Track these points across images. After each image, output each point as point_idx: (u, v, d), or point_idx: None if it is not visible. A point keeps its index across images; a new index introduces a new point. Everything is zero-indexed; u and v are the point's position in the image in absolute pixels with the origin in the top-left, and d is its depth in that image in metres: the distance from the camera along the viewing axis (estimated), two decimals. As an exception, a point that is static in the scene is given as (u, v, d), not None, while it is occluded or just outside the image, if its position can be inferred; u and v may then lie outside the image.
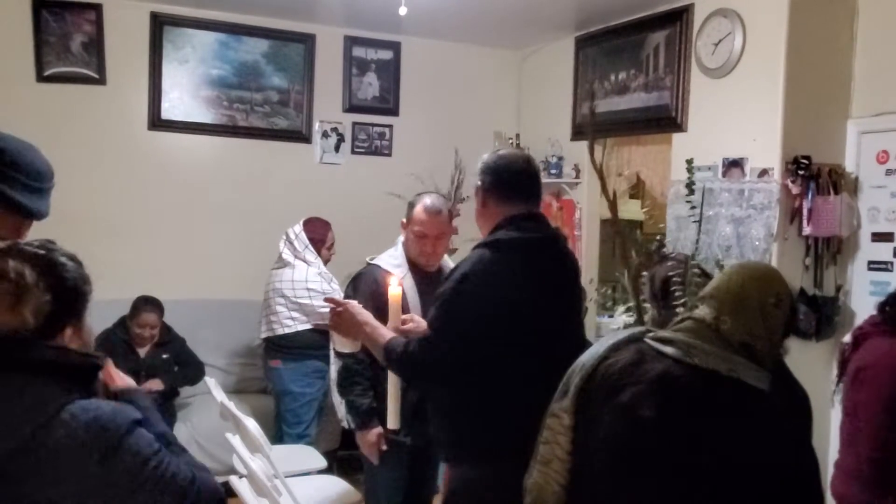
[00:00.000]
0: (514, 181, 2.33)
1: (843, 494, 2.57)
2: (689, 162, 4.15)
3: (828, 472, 3.26)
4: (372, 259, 3.26)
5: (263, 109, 5.45)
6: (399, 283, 2.58)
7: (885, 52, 3.95)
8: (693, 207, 4.16)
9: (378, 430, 3.02)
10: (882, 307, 2.61)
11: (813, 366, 3.89)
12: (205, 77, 5.28)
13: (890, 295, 2.61)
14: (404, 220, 3.16)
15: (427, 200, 3.09)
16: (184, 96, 5.23)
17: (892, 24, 3.92)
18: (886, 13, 3.95)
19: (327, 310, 4.13)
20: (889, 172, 3.93)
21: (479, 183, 2.36)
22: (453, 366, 2.20)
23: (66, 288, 1.52)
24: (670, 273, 2.70)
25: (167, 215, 5.17)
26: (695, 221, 3.23)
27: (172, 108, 5.21)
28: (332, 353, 4.26)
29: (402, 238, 3.23)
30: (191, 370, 4.53)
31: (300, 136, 5.55)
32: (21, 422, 1.39)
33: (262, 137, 5.44)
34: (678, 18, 4.61)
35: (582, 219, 5.43)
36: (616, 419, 1.74)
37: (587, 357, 1.89)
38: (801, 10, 3.95)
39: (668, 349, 1.75)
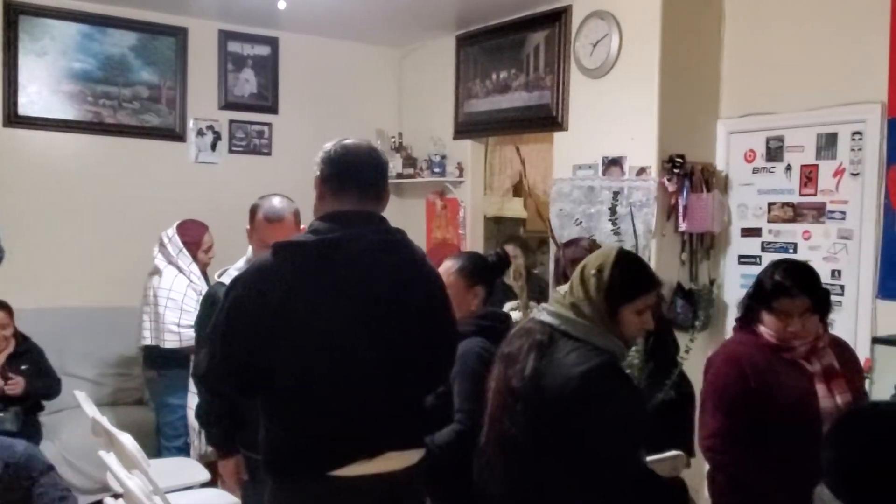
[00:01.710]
0: (350, 174, 2.09)
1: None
2: (616, 195, 4.21)
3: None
4: (221, 275, 3.03)
5: (133, 106, 5.17)
6: None
7: (750, 55, 4.16)
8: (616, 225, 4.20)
9: (234, 459, 2.82)
10: (739, 304, 2.70)
11: (690, 356, 4.04)
12: (66, 70, 4.95)
13: (745, 293, 2.66)
14: (248, 228, 2.90)
15: (267, 206, 2.83)
16: (43, 91, 4.89)
17: (756, 28, 4.13)
18: (750, 18, 4.16)
19: (179, 328, 4.01)
20: (756, 171, 4.15)
21: (318, 173, 2.12)
22: (224, 374, 2.07)
23: None
24: (576, 257, 2.75)
25: (26, 218, 4.81)
26: (615, 234, 3.31)
27: (30, 103, 4.86)
28: (191, 382, 4.08)
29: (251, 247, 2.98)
30: (46, 383, 4.21)
31: (173, 134, 5.30)
32: None
33: (133, 135, 5.16)
34: (557, 19, 4.69)
35: (466, 217, 5.45)
36: (497, 365, 2.13)
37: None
38: (672, 13, 4.10)
39: (536, 313, 2.16)
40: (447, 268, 2.75)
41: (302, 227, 2.83)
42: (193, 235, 4.26)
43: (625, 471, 1.93)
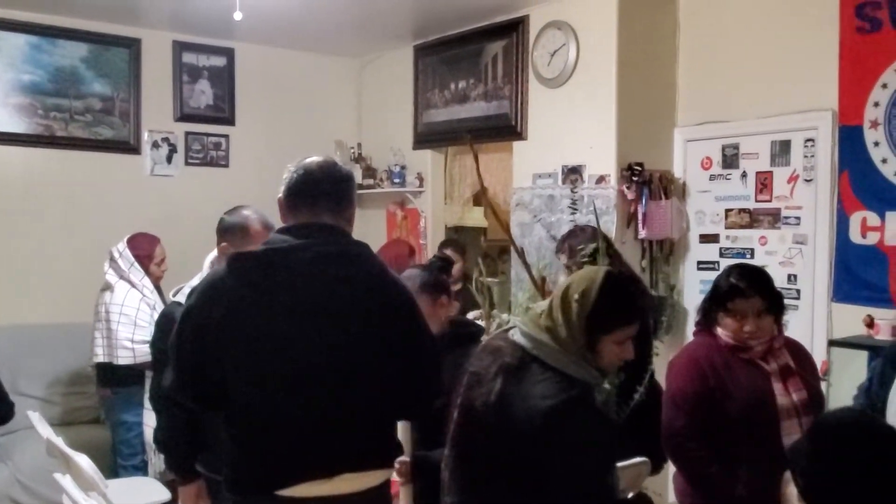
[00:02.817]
0: (302, 189, 2.07)
1: (676, 488, 2.70)
2: (574, 189, 4.21)
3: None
4: (176, 294, 2.96)
5: (85, 118, 5.06)
6: None
7: (705, 64, 4.23)
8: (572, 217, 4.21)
9: (196, 484, 2.72)
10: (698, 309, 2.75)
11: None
12: (15, 83, 4.83)
13: (704, 298, 2.72)
14: (224, 244, 2.76)
15: (256, 215, 2.77)
16: (-9, 104, 4.78)
17: (711, 37, 4.20)
18: (705, 28, 4.23)
19: (133, 344, 3.93)
20: (713, 178, 4.21)
21: (282, 192, 2.11)
22: (180, 386, 2.03)
23: None
24: (578, 245, 2.78)
25: (-25, 235, 4.70)
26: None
27: (-22, 116, 4.74)
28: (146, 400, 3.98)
29: (210, 259, 2.92)
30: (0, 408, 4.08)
31: (128, 146, 5.21)
32: None
33: (85, 148, 5.06)
34: (514, 29, 4.72)
35: (427, 227, 5.44)
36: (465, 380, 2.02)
37: None
38: (628, 23, 4.15)
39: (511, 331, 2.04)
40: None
41: None
42: (145, 249, 4.17)
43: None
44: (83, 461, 2.83)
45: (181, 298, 2.80)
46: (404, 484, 2.41)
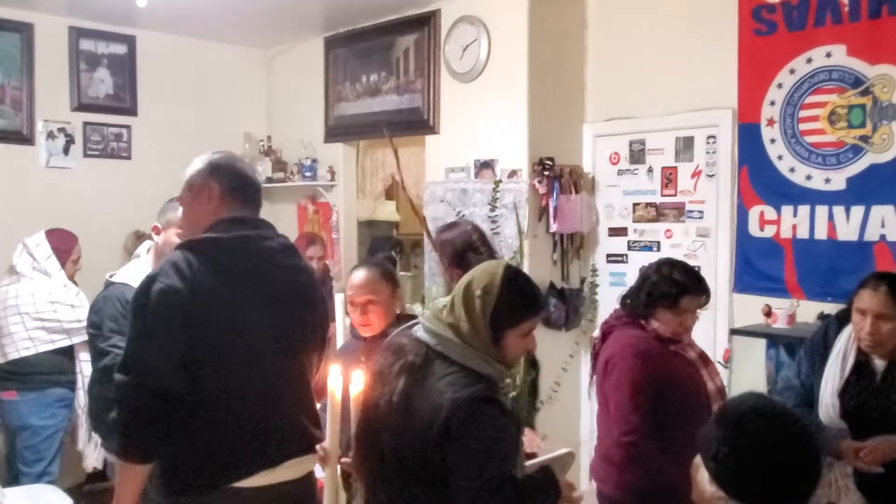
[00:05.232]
0: (245, 185, 2.20)
1: (601, 478, 2.75)
2: (496, 188, 4.21)
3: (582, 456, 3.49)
4: (112, 276, 2.98)
5: (-28, 107, 4.78)
6: None
7: (612, 61, 4.32)
8: (496, 223, 4.22)
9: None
10: (623, 300, 2.81)
11: (563, 353, 4.17)
12: None
13: (630, 288, 2.81)
14: (158, 225, 2.91)
15: None
16: None
17: (617, 37, 4.30)
18: (612, 27, 4.33)
19: (75, 325, 3.78)
20: (620, 172, 4.31)
21: (216, 184, 2.14)
22: (171, 371, 1.96)
23: None
24: (465, 240, 2.78)
25: None
26: (495, 233, 3.34)
27: None
28: (80, 378, 3.86)
29: (147, 246, 3.00)
30: None
31: (20, 137, 4.93)
32: None
33: (-27, 139, 4.77)
34: (426, 23, 4.70)
35: (339, 221, 5.37)
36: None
37: None
38: (538, 20, 4.20)
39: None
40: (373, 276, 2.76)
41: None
42: (66, 243, 4.05)
43: (492, 499, 1.81)
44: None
45: (124, 279, 2.86)
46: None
